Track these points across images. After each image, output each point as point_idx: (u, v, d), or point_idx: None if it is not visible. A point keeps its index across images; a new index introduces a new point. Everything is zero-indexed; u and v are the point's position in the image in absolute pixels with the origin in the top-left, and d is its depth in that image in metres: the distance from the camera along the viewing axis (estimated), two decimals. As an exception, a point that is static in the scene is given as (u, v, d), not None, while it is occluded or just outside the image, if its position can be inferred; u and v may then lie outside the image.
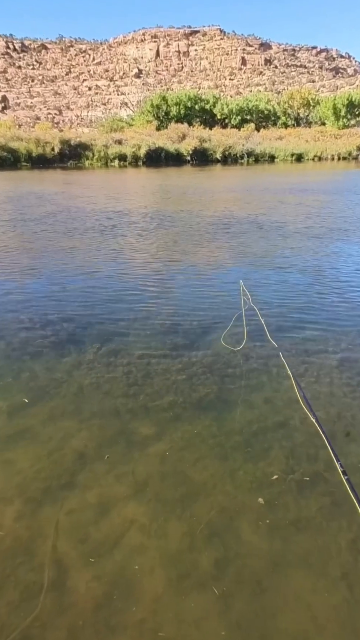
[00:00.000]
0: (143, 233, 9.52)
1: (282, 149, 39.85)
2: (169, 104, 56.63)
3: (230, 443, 2.86)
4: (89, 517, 2.38)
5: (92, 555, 2.16)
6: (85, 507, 2.44)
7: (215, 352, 4.01)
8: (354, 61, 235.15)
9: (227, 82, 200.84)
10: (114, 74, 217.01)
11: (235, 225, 10.16)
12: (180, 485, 2.57)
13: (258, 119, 58.59)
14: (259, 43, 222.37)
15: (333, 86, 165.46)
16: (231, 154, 38.82)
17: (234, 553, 2.16)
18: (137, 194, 17.75)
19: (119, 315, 4.92)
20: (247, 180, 23.45)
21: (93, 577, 2.06)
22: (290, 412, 3.12)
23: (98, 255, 7.65)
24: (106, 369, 3.78)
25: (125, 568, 2.11)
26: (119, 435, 3.01)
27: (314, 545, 2.17)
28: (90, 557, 2.14)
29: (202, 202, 14.43)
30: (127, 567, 2.11)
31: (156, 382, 3.55)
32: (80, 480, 2.62)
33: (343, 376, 3.57)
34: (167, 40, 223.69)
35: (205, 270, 6.72)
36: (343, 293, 5.57)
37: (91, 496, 2.51)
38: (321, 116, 57.93)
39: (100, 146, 35.85)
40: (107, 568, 2.11)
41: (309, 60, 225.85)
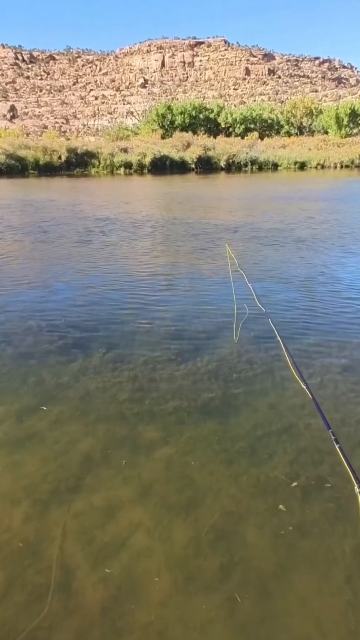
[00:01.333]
0: (149, 239, 9.59)
1: (285, 157, 40.04)
2: (174, 113, 57.15)
3: (235, 448, 2.87)
4: (96, 520, 2.39)
5: (99, 560, 2.17)
6: (91, 510, 2.45)
7: (220, 357, 4.03)
8: (356, 71, 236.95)
9: (231, 92, 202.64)
10: (120, 84, 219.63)
11: (240, 232, 10.21)
12: (185, 489, 2.58)
13: (262, 127, 58.97)
14: (262, 54, 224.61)
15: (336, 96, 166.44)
16: (235, 162, 39.05)
17: (239, 557, 2.17)
18: (143, 201, 17.89)
19: (125, 321, 4.96)
20: (252, 188, 23.57)
21: (100, 579, 2.07)
22: (294, 417, 3.14)
23: (104, 262, 7.71)
24: (112, 373, 3.81)
25: (131, 571, 2.13)
26: (125, 439, 3.03)
27: (318, 549, 2.18)
28: (101, 565, 2.14)
29: (207, 209, 14.51)
30: (133, 570, 2.13)
31: (161, 387, 3.57)
32: (86, 483, 2.64)
33: (349, 378, 3.58)
34: (173, 51, 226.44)
35: (211, 275, 6.76)
36: (347, 297, 5.58)
37: (97, 499, 2.53)
38: (324, 125, 58.27)
39: (106, 154, 36.21)
40: (114, 571, 2.13)
41: (312, 71, 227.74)
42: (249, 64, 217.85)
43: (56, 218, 12.83)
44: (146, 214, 13.71)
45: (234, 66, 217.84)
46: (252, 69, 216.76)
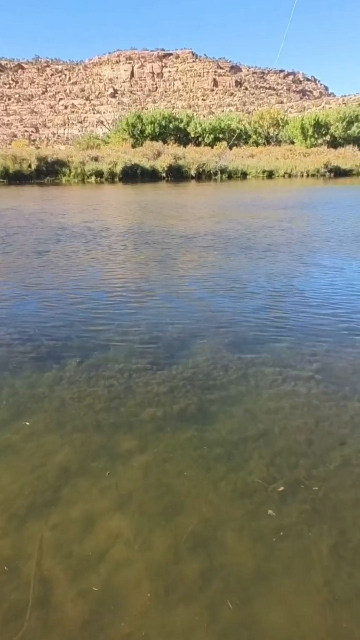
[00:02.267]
0: (121, 248, 9.56)
1: (253, 166, 40.84)
2: (144, 123, 57.56)
3: (212, 454, 2.89)
4: (74, 532, 2.36)
5: (78, 573, 2.14)
6: (69, 523, 2.42)
7: (195, 363, 4.06)
8: (319, 84, 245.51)
9: (199, 102, 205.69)
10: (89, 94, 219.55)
11: (211, 240, 10.32)
12: (163, 497, 2.58)
13: (230, 137, 60.06)
14: (229, 66, 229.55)
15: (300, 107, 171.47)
16: (205, 170, 39.55)
17: (219, 563, 2.18)
18: (115, 209, 17.85)
19: (99, 329, 4.92)
20: (222, 196, 23.89)
21: (79, 593, 2.04)
22: (269, 422, 3.18)
23: (77, 270, 7.64)
24: (87, 383, 3.77)
25: (111, 583, 2.10)
26: (101, 449, 3.01)
27: (296, 552, 2.21)
28: (80, 579, 2.11)
29: (179, 217, 14.61)
30: (113, 582, 2.10)
31: (138, 395, 3.56)
32: (64, 495, 2.60)
33: (319, 386, 3.66)
34: (142, 62, 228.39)
35: (184, 283, 6.80)
36: (315, 302, 5.72)
37: (75, 511, 2.50)
38: (290, 135, 59.90)
39: (77, 163, 36.01)
40: (92, 583, 2.10)
41: (277, 83, 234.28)
42: (217, 76, 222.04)
43: (25, 226, 12.64)
44: (119, 222, 13.69)
45: (202, 77, 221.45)
46: (219, 81, 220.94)
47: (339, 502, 2.45)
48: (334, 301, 5.84)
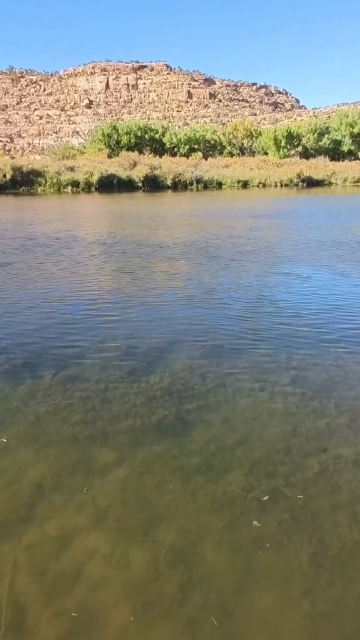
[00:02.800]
0: (97, 257, 9.49)
1: (229, 176, 41.37)
2: (120, 133, 57.79)
3: (190, 464, 2.86)
4: (49, 551, 2.28)
5: (53, 594, 2.07)
6: (44, 541, 2.34)
7: (173, 373, 4.03)
8: (291, 97, 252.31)
9: (174, 114, 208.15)
10: (65, 104, 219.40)
11: (187, 249, 10.35)
12: (141, 511, 2.53)
13: (205, 148, 60.85)
14: (203, 78, 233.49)
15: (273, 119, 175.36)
16: (181, 180, 39.85)
17: (199, 577, 2.14)
18: (91, 219, 17.75)
19: (75, 340, 4.85)
20: (199, 206, 24.07)
21: (54, 614, 1.97)
22: (247, 430, 3.18)
23: (51, 281, 7.54)
24: (63, 395, 3.69)
25: (88, 602, 2.04)
26: (78, 463, 2.94)
27: (276, 562, 2.19)
28: (56, 599, 2.04)
29: (155, 227, 14.63)
30: (89, 601, 2.04)
31: (114, 407, 3.51)
32: (38, 512, 2.52)
33: (296, 393, 3.69)
34: (117, 74, 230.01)
35: (159, 293, 6.78)
36: (290, 310, 5.79)
37: (50, 529, 2.42)
38: (263, 146, 61.13)
39: (53, 173, 35.76)
40: (68, 603, 2.03)
41: (250, 95, 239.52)
42: (191, 88, 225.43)
43: (2, 238, 12.43)
44: (94, 232, 13.61)
45: (176, 89, 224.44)
46: (194, 93, 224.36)
47: (318, 510, 2.45)
48: (308, 309, 5.92)
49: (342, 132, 61.23)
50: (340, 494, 2.55)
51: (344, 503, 2.49)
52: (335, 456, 2.88)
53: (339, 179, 44.55)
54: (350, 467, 2.76)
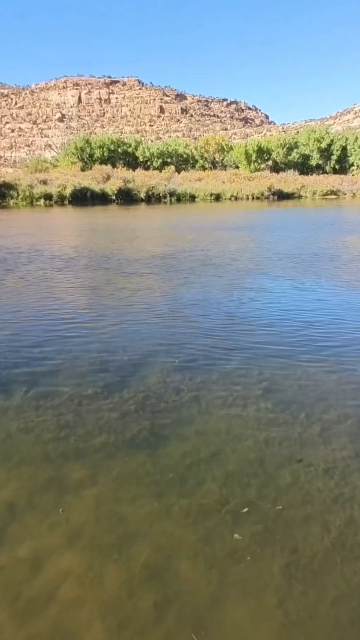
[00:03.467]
0: (69, 272, 9.43)
1: (201, 189, 41.99)
2: (93, 147, 58.02)
3: (165, 479, 2.86)
4: (21, 573, 2.24)
5: (26, 617, 2.02)
6: (16, 563, 2.29)
7: (146, 387, 4.03)
8: (260, 113, 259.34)
9: (147, 128, 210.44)
10: (37, 118, 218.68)
11: (162, 262, 10.42)
12: (116, 528, 2.51)
13: (178, 161, 61.69)
14: (175, 94, 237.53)
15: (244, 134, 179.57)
16: (155, 193, 40.15)
17: (174, 593, 2.14)
18: (63, 232, 17.64)
19: (47, 355, 4.79)
20: (172, 219, 24.28)
21: (28, 637, 1.93)
22: (221, 443, 3.20)
23: (22, 295, 7.44)
24: (35, 412, 3.64)
25: (61, 623, 2.01)
26: (51, 481, 2.90)
27: (250, 574, 2.21)
28: (28, 622, 1.99)
29: (129, 239, 14.66)
30: (63, 623, 2.01)
31: (88, 423, 3.48)
32: (10, 533, 2.47)
33: (267, 405, 3.74)
34: (89, 88, 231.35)
35: (132, 306, 6.78)
36: (260, 322, 5.89)
37: (23, 550, 2.37)
38: (235, 160, 62.53)
39: (25, 186, 35.48)
40: (42, 626, 1.99)
41: (221, 111, 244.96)
42: (163, 103, 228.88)
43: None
44: (66, 246, 13.53)
45: (148, 104, 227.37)
46: (166, 108, 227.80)
47: (290, 520, 2.49)
48: (277, 322, 6.02)
49: (310, 147, 63.25)
50: (312, 504, 2.60)
51: (316, 513, 2.53)
52: (307, 466, 2.93)
53: (308, 192, 45.84)
54: (321, 477, 2.81)
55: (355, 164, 61.80)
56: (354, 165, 62.05)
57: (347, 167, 62.88)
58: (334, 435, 3.30)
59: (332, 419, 3.51)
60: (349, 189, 47.49)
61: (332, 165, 62.71)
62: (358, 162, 61.45)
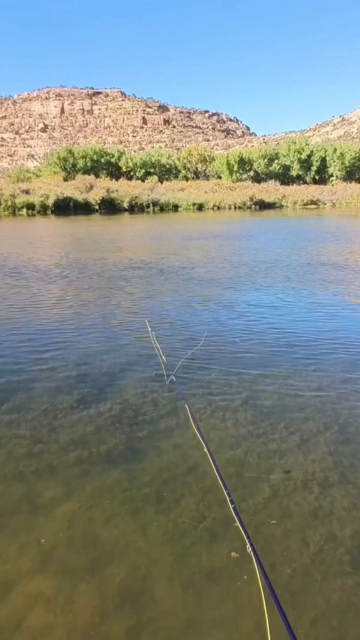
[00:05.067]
0: (47, 282, 9.29)
1: (184, 199, 42.24)
2: (76, 157, 58.01)
3: (141, 495, 2.76)
4: (-13, 601, 2.11)
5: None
6: (-18, 590, 2.17)
7: (124, 399, 3.93)
8: (242, 124, 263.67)
9: (130, 139, 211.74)
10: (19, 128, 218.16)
11: (143, 271, 10.35)
12: (89, 549, 2.40)
13: (160, 172, 62.04)
14: (157, 105, 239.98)
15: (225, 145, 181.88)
16: (138, 203, 40.26)
17: (148, 617, 2.04)
18: (44, 242, 17.45)
19: (22, 368, 4.66)
20: (155, 228, 24.28)
21: (-11, 673, 1.81)
22: (199, 456, 3.11)
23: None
24: (8, 427, 3.51)
25: (28, 655, 1.89)
26: (22, 500, 2.78)
27: (226, 595, 2.12)
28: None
29: (109, 249, 14.57)
30: (30, 654, 1.89)
31: (62, 438, 3.36)
32: (-24, 558, 2.34)
33: (247, 416, 3.68)
34: (72, 99, 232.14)
35: (110, 317, 6.69)
36: (239, 334, 5.85)
37: (-11, 576, 2.25)
38: (217, 170, 63.19)
39: (7, 195, 35.25)
40: (6, 659, 1.87)
41: (203, 122, 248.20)
42: (146, 114, 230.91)
43: None
44: (45, 256, 13.38)
45: (131, 115, 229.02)
46: (148, 119, 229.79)
47: (269, 536, 2.42)
48: (258, 330, 6.00)
49: (290, 157, 64.29)
50: (291, 519, 2.53)
51: (295, 528, 2.46)
52: (286, 479, 2.87)
53: (289, 201, 46.49)
54: (300, 490, 2.75)
55: (334, 174, 63.00)
56: (333, 175, 63.24)
57: (326, 177, 64.04)
58: (312, 446, 3.25)
59: (312, 430, 3.46)
60: (328, 199, 48.34)
61: (312, 176, 63.81)
62: (337, 173, 62.65)
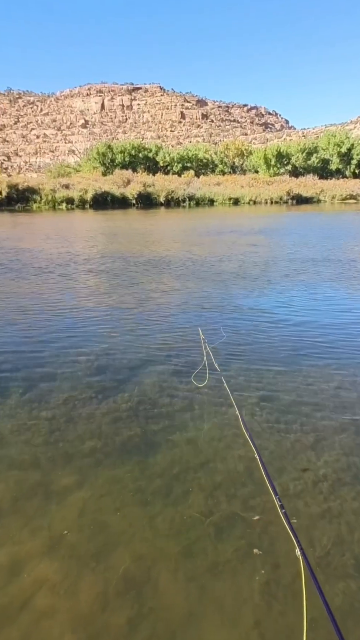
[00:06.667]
0: (80, 274, 9.47)
1: (220, 194, 41.91)
2: (115, 152, 58.72)
3: (151, 487, 2.79)
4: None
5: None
6: (-7, 570, 2.26)
7: (142, 392, 3.97)
8: (280, 118, 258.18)
9: (168, 133, 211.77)
10: (61, 124, 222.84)
11: (176, 265, 10.37)
12: (97, 537, 2.45)
13: (197, 166, 61.79)
14: (195, 100, 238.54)
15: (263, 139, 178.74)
16: (174, 197, 40.28)
17: (149, 608, 2.06)
18: (80, 235, 17.79)
19: (47, 358, 4.78)
20: (191, 222, 24.23)
21: (-6, 648, 1.88)
22: (211, 452, 3.11)
23: (28, 298, 7.48)
24: (28, 415, 3.62)
25: (31, 634, 1.96)
26: (37, 486, 2.86)
27: (228, 591, 2.11)
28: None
29: (144, 243, 14.66)
30: (33, 634, 1.96)
31: (79, 427, 3.44)
32: (-10, 538, 2.44)
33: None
34: (112, 95, 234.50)
35: (136, 310, 6.74)
36: (264, 330, 5.76)
37: (2, 555, 2.34)
38: (254, 165, 62.23)
39: (48, 190, 36.14)
40: (11, 636, 1.95)
41: (241, 116, 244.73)
42: (184, 109, 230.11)
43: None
44: (82, 249, 13.62)
45: (170, 110, 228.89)
46: (186, 113, 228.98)
47: (275, 535, 2.39)
48: (283, 327, 5.89)
49: (330, 151, 62.40)
50: (299, 519, 2.48)
51: (302, 528, 2.42)
52: (295, 478, 2.81)
53: (327, 196, 45.24)
54: (310, 490, 2.70)
55: (376, 168, 60.71)
56: (375, 169, 60.96)
57: (367, 171, 61.80)
58: (327, 446, 3.17)
59: (328, 429, 3.38)
60: (369, 193, 46.69)
61: (352, 170, 61.72)
62: (379, 167, 60.35)
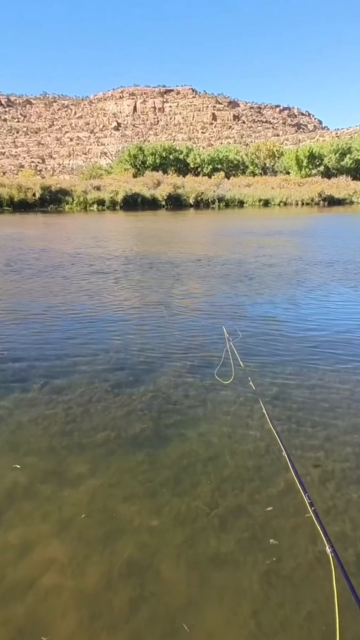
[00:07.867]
0: (106, 272, 9.65)
1: (250, 195, 41.65)
2: (146, 154, 59.31)
3: (160, 478, 2.85)
4: (8, 558, 2.31)
5: (5, 600, 2.09)
6: (5, 548, 2.37)
7: (157, 387, 4.04)
8: (313, 118, 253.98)
9: (199, 135, 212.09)
10: (94, 127, 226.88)
11: (198, 267, 10.42)
12: (105, 523, 2.53)
13: (228, 167, 61.66)
14: (227, 101, 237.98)
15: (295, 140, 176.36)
16: (203, 199, 40.33)
17: (150, 591, 2.12)
18: (110, 235, 18.09)
19: (67, 353, 4.92)
20: (220, 224, 24.23)
21: (1, 622, 1.98)
22: (220, 446, 3.15)
23: (53, 295, 7.69)
24: (46, 406, 3.75)
25: (36, 611, 2.05)
26: (51, 473, 2.97)
27: (229, 580, 2.15)
28: (7, 606, 2.05)
29: (173, 243, 14.78)
30: (38, 610, 2.05)
31: (94, 419, 3.54)
32: (5, 519, 2.56)
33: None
34: (144, 98, 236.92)
35: (158, 307, 6.82)
36: (281, 329, 5.73)
37: (13, 536, 2.45)
38: (285, 166, 61.51)
39: (80, 192, 36.90)
40: (17, 611, 2.04)
41: (273, 117, 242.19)
42: (216, 110, 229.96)
43: (18, 253, 12.81)
44: (111, 248, 13.85)
45: (201, 112, 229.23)
46: (218, 115, 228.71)
47: (279, 529, 2.40)
48: (302, 326, 5.84)
49: (364, 151, 61.03)
50: (303, 514, 2.49)
51: (306, 523, 2.42)
52: (303, 474, 2.81)
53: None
54: (316, 487, 2.69)
55: None
56: None
57: None
58: (337, 446, 3.15)
59: (339, 429, 3.35)
60: None
61: (387, 170, 60.18)
62: None
